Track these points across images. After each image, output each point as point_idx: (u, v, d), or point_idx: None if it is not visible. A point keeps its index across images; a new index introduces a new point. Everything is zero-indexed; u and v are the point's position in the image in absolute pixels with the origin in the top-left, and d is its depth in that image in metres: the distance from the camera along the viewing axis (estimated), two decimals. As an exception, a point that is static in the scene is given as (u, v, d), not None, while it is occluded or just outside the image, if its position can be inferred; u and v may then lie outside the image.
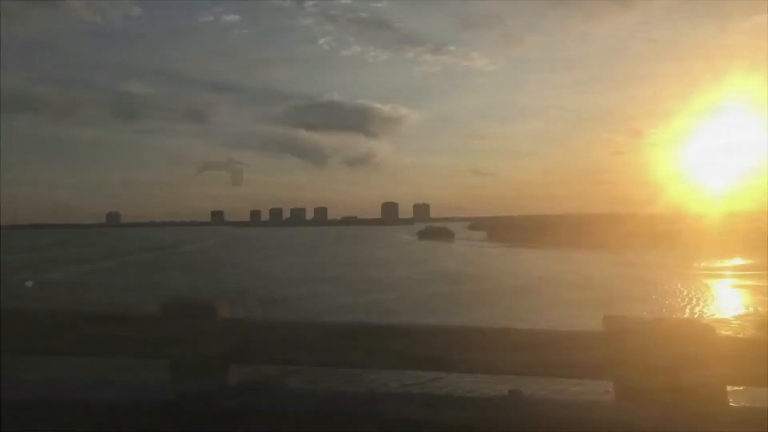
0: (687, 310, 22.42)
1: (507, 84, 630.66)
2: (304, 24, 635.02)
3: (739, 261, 41.55)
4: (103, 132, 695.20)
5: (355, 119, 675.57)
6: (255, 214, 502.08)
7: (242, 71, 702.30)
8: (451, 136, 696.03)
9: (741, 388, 2.26)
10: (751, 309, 22.77)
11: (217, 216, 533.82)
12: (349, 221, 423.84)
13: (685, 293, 26.08)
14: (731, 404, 2.18)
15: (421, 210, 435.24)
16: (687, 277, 31.59)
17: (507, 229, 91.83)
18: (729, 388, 2.22)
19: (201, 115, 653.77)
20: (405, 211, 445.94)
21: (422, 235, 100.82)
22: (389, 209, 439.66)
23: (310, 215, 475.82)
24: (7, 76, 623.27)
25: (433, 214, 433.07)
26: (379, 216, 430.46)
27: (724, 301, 26.02)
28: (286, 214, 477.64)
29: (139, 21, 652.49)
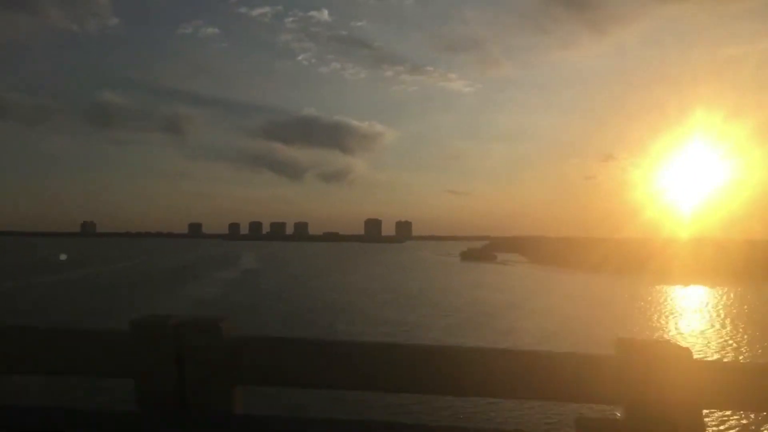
0: None
1: (483, 106, 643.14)
2: (283, 39, 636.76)
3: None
4: (75, 140, 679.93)
5: (332, 135, 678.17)
6: (234, 227, 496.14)
7: (220, 84, 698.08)
8: (427, 155, 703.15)
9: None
10: None
11: (195, 228, 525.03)
12: (331, 237, 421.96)
13: None
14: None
15: (404, 228, 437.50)
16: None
17: (541, 252, 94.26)
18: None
19: (177, 126, 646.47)
20: (386, 228, 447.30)
21: (465, 256, 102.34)
22: (372, 226, 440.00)
23: (290, 230, 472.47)
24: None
25: (414, 232, 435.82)
26: (361, 232, 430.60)
27: None
28: (266, 228, 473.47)
29: (117, 30, 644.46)
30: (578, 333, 26.49)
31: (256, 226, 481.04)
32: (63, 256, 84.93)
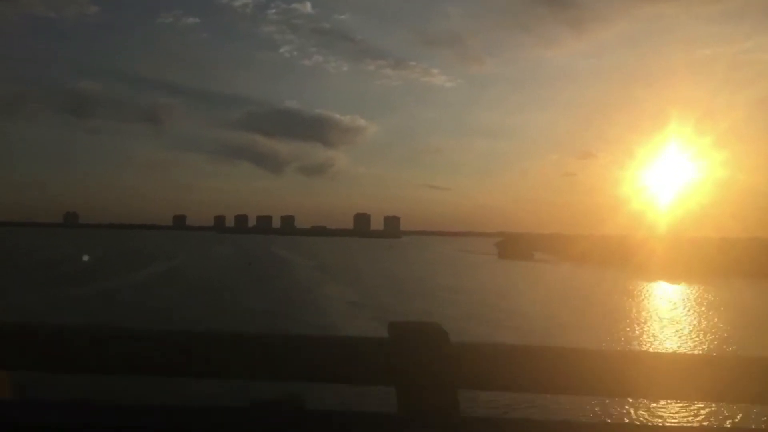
0: None
1: (464, 101, 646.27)
2: (266, 31, 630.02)
3: None
4: (51, 130, 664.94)
5: (314, 128, 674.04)
6: (219, 219, 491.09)
7: (199, 74, 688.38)
8: (408, 150, 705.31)
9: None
10: None
11: (179, 220, 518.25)
12: (319, 231, 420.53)
13: None
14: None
15: (392, 223, 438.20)
16: None
17: (567, 250, 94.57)
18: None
19: (155, 116, 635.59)
20: (374, 223, 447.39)
21: (503, 254, 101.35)
22: (361, 221, 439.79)
23: (276, 223, 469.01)
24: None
25: (402, 227, 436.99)
26: (349, 227, 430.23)
27: None
28: (252, 221, 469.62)
29: (95, 18, 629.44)
30: None
31: (242, 219, 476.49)
32: (85, 257, 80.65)
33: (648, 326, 34.94)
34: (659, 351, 26.75)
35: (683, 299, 46.20)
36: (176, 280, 53.37)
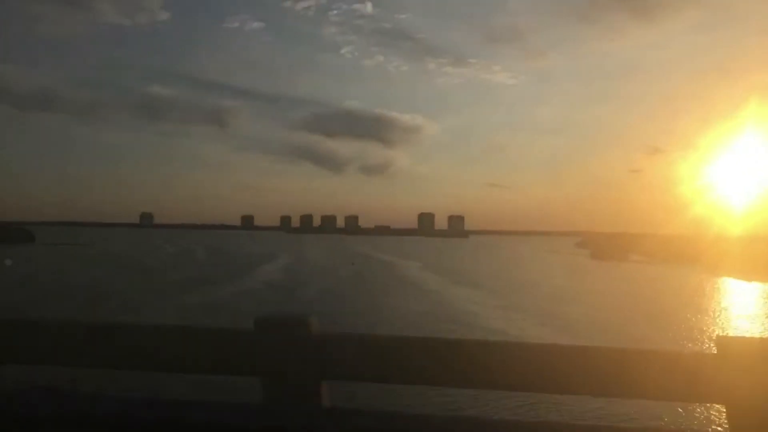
0: None
1: (527, 98, 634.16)
2: (327, 33, 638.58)
3: None
4: (126, 133, 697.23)
5: (374, 128, 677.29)
6: (285, 219, 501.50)
7: (264, 77, 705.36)
8: (469, 148, 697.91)
9: None
10: None
11: (248, 220, 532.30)
12: (383, 231, 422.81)
13: None
14: None
15: (456, 222, 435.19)
16: None
17: (659, 250, 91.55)
18: None
19: (221, 119, 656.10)
20: (438, 222, 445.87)
21: (596, 255, 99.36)
22: (426, 220, 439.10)
23: (341, 222, 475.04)
24: (34, 76, 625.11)
25: (466, 226, 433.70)
26: (413, 226, 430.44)
27: None
28: (317, 221, 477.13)
29: (166, 25, 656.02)
30: None
31: (307, 219, 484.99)
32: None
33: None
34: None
35: None
36: (309, 284, 54.85)
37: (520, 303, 39.79)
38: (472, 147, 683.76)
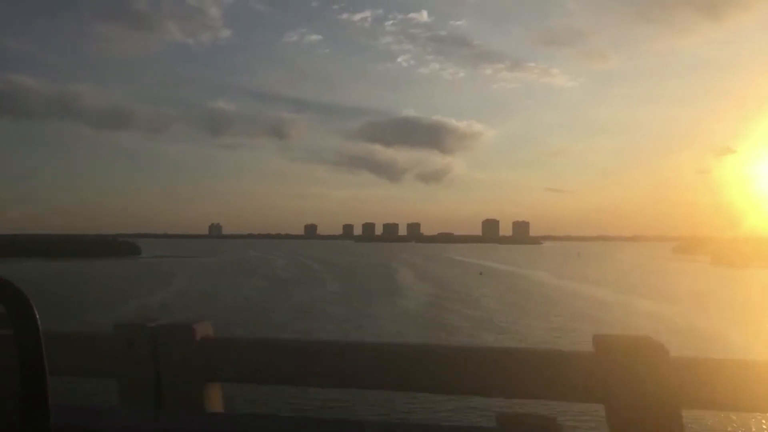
0: None
1: (586, 100, 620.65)
2: (383, 42, 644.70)
3: None
4: (193, 147, 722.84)
5: (430, 135, 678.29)
6: (347, 228, 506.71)
7: (322, 88, 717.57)
8: (527, 153, 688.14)
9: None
10: None
11: (310, 230, 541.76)
12: (446, 238, 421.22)
13: None
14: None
15: (521, 228, 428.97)
16: None
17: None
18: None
19: (281, 130, 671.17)
20: (503, 228, 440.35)
21: (716, 261, 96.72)
22: (490, 226, 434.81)
23: (402, 230, 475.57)
24: (106, 95, 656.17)
25: (530, 232, 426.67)
26: (477, 233, 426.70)
27: None
28: (379, 229, 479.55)
29: (227, 41, 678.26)
30: None
31: (369, 227, 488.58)
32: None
33: None
34: None
35: None
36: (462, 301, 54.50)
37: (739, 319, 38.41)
38: (530, 152, 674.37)
